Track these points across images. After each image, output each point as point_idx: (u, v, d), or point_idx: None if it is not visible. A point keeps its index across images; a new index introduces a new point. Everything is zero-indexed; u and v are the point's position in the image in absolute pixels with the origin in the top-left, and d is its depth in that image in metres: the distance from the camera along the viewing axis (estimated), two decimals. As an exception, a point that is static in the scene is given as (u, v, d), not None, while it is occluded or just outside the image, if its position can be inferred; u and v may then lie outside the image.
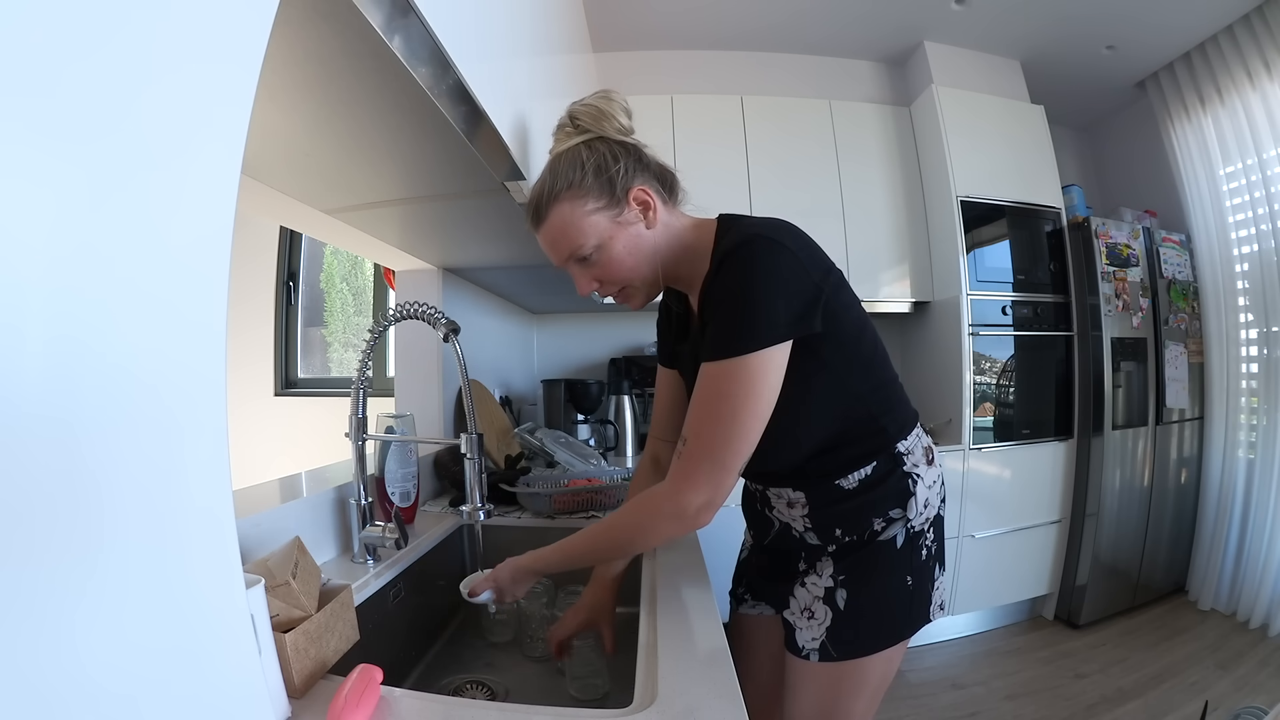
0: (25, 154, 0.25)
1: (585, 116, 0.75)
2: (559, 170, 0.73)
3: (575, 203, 0.72)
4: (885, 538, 0.77)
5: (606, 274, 0.75)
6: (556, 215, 0.73)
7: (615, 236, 0.73)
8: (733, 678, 0.57)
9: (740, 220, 0.77)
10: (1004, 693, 1.91)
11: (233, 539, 0.38)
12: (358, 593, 0.81)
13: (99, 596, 0.29)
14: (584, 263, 0.75)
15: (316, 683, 0.55)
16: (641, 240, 0.75)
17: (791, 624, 0.81)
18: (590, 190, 0.72)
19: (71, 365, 0.27)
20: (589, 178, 0.72)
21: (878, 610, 0.78)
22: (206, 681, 0.36)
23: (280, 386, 2.78)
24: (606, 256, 0.73)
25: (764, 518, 0.88)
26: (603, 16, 2.30)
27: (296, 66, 0.58)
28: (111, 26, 0.28)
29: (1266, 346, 2.34)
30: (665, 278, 0.79)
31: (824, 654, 0.77)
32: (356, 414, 0.93)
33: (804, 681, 0.81)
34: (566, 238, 0.73)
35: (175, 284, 0.33)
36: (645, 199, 0.74)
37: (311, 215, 1.06)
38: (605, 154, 0.73)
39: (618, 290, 0.78)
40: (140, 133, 0.30)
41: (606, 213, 0.72)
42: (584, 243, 0.72)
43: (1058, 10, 2.30)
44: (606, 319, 2.78)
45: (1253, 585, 2.27)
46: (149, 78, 0.30)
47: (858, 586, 0.77)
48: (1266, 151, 2.28)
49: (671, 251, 0.78)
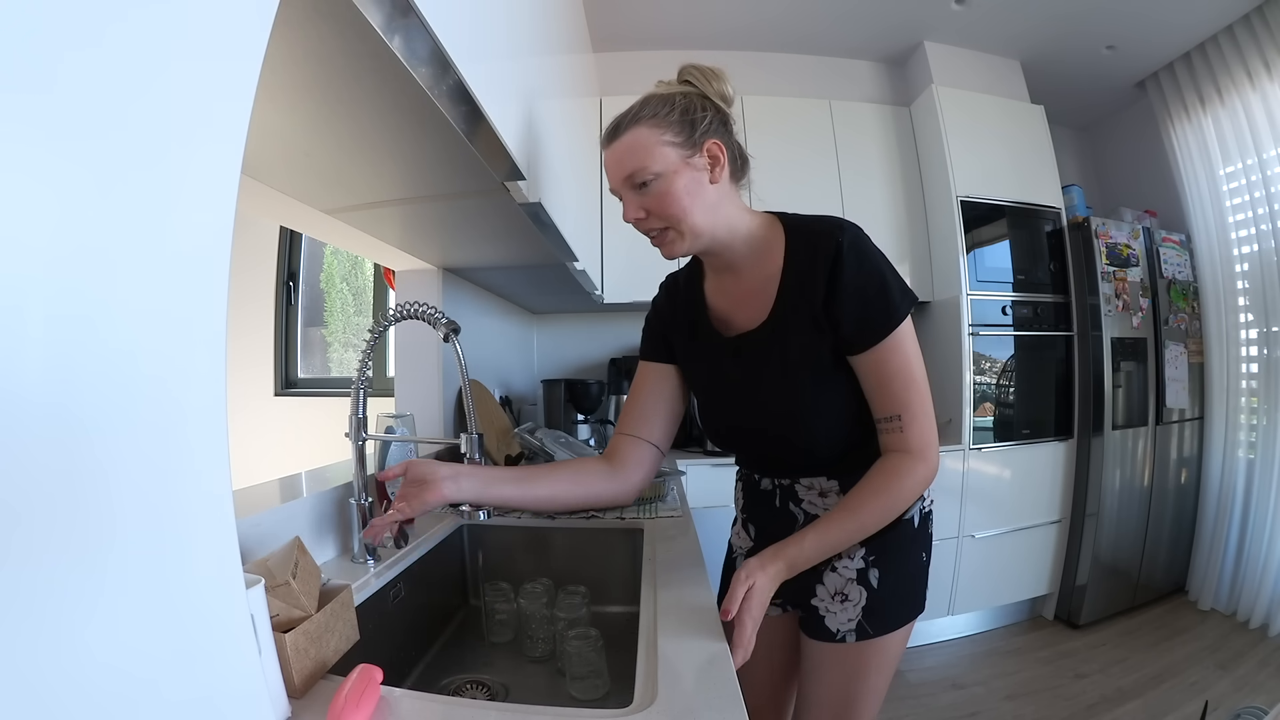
0: (25, 154, 0.25)
1: (694, 73, 0.78)
2: (649, 101, 0.76)
3: (653, 129, 0.74)
4: (907, 517, 0.83)
5: (659, 206, 0.75)
6: (632, 135, 0.74)
7: (680, 172, 0.74)
8: (733, 678, 0.57)
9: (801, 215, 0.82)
10: (1004, 693, 1.91)
11: (233, 539, 0.38)
12: (358, 593, 0.81)
13: (99, 596, 0.29)
14: (640, 189, 0.75)
15: (316, 683, 0.55)
16: (703, 189, 0.76)
17: (819, 611, 0.83)
18: (672, 125, 0.74)
19: (72, 365, 0.27)
20: (674, 114, 0.74)
21: (905, 586, 0.83)
22: (207, 681, 0.36)
23: (280, 386, 2.78)
24: (665, 188, 0.74)
25: (786, 514, 0.88)
26: (603, 16, 2.30)
27: (296, 66, 0.58)
28: (111, 26, 0.28)
29: (1266, 346, 2.34)
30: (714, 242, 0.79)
31: (860, 633, 0.81)
32: (356, 414, 0.93)
33: (831, 664, 0.83)
34: (634, 156, 0.74)
35: (175, 284, 0.33)
36: (717, 154, 0.76)
37: (311, 215, 1.06)
38: (696, 103, 0.76)
39: (661, 229, 0.77)
40: (140, 132, 0.30)
41: (679, 150, 0.74)
42: (648, 165, 0.73)
43: (1058, 10, 2.30)
44: (606, 319, 2.78)
45: (1253, 585, 2.27)
46: (149, 77, 0.30)
47: (887, 565, 0.81)
48: (1266, 151, 2.29)
49: (725, 222, 0.78)
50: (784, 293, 0.78)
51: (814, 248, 0.75)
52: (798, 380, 0.78)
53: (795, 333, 0.77)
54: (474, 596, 1.15)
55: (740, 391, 0.83)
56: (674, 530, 1.10)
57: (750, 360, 0.81)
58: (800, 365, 0.77)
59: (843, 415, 0.78)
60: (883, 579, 0.81)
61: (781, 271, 0.78)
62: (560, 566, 1.13)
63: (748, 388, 0.82)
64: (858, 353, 0.74)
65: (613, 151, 0.77)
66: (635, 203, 0.77)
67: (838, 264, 0.73)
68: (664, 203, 0.75)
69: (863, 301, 0.73)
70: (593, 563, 1.13)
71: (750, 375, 0.81)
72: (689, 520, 1.18)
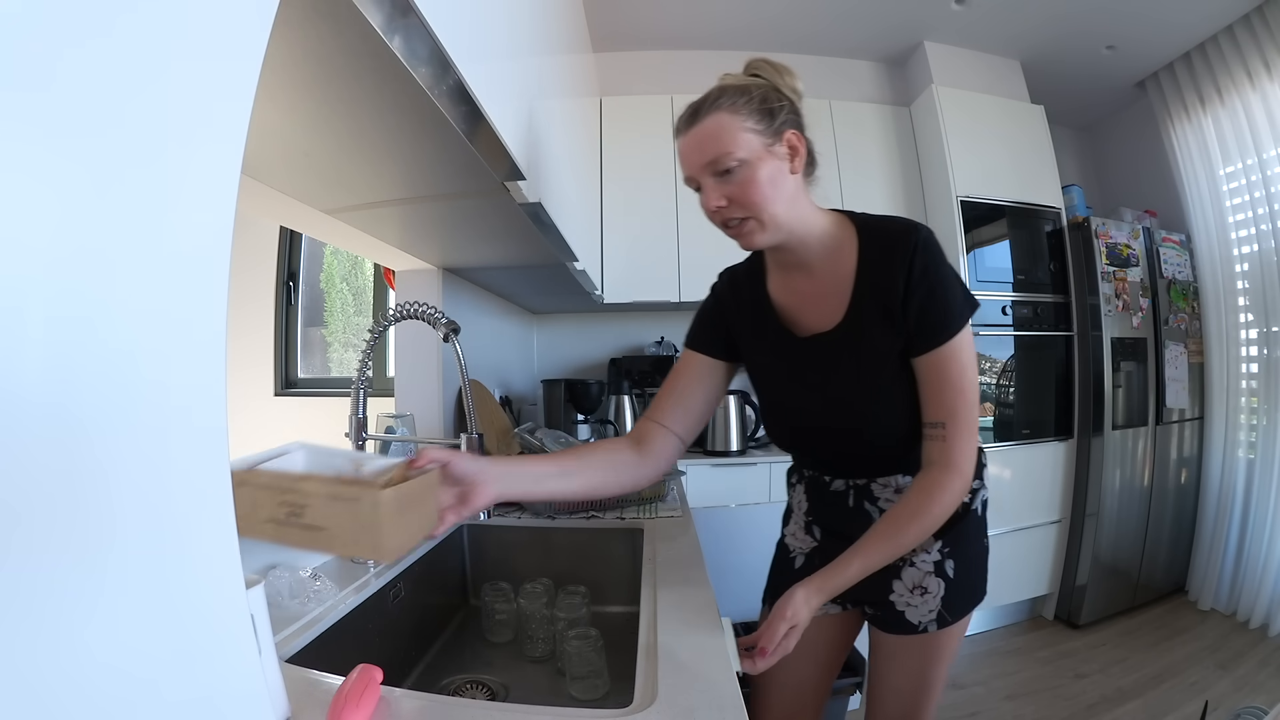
0: (25, 154, 0.25)
1: (764, 67, 0.77)
2: (725, 90, 0.74)
3: (734, 116, 0.72)
4: (972, 508, 0.87)
5: (742, 194, 0.73)
6: (713, 120, 0.72)
7: (763, 160, 0.72)
8: (733, 678, 0.57)
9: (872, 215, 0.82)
10: (1004, 693, 1.91)
11: (233, 539, 0.38)
12: (358, 593, 0.81)
13: (98, 597, 0.29)
14: (723, 176, 0.73)
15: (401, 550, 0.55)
16: (784, 178, 0.74)
17: (897, 607, 0.84)
18: (752, 112, 0.72)
19: (72, 365, 0.27)
20: (754, 102, 0.73)
21: (975, 573, 0.86)
22: (206, 681, 0.36)
23: (280, 386, 2.77)
24: (749, 175, 0.72)
25: (861, 514, 0.86)
26: (603, 16, 2.29)
27: (296, 66, 0.58)
28: (111, 26, 0.28)
29: (1266, 346, 2.34)
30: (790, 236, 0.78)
31: (940, 621, 0.83)
32: (356, 414, 0.93)
33: (909, 654, 0.86)
34: (717, 142, 0.72)
35: (175, 284, 0.33)
36: (797, 144, 0.75)
37: (311, 215, 1.06)
38: (771, 94, 0.74)
39: (741, 219, 0.75)
40: (140, 132, 0.30)
41: (761, 138, 0.72)
42: (732, 151, 0.71)
43: (1058, 10, 2.30)
44: (606, 319, 2.78)
45: (1253, 585, 2.26)
46: (149, 77, 0.30)
47: (960, 554, 0.84)
48: (1266, 151, 2.28)
49: (800, 216, 0.77)
50: (859, 294, 0.78)
51: (889, 248, 0.75)
52: (875, 381, 0.78)
53: (871, 333, 0.77)
54: (474, 596, 1.15)
55: (816, 393, 0.82)
56: (674, 530, 1.11)
57: (827, 362, 0.81)
58: (877, 366, 0.78)
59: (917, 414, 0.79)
60: (957, 568, 0.84)
61: (855, 272, 0.78)
62: (560, 566, 1.13)
63: (824, 389, 0.81)
64: (917, 354, 0.75)
65: (691, 137, 0.74)
66: (717, 190, 0.74)
67: (912, 263, 0.73)
68: (747, 190, 0.72)
69: (929, 303, 0.73)
70: (593, 563, 1.13)
71: (827, 377, 0.81)
72: (689, 520, 1.18)
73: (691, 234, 2.34)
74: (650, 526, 1.12)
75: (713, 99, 0.73)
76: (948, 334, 0.74)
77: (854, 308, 0.78)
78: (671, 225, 2.36)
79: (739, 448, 2.26)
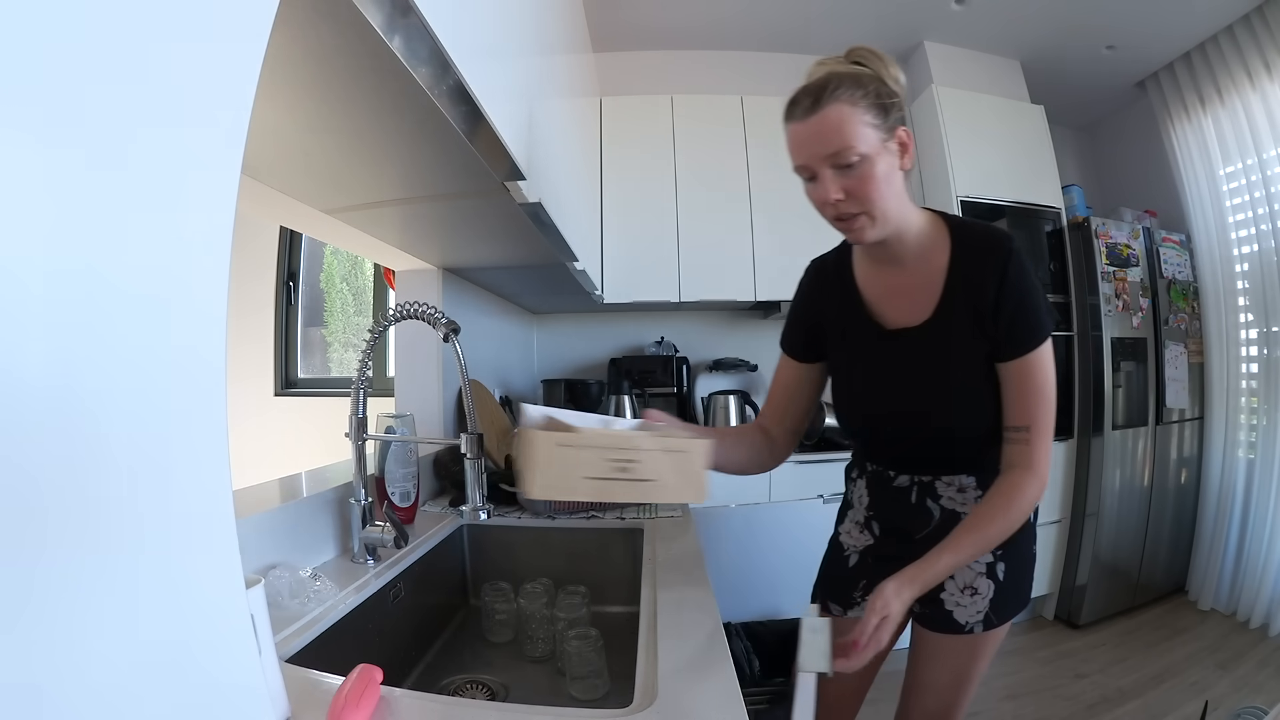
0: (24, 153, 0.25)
1: (868, 55, 0.76)
2: (841, 79, 0.71)
3: (854, 108, 0.71)
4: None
5: (860, 189, 0.73)
6: (835, 110, 0.71)
7: (880, 156, 0.72)
8: (733, 678, 0.57)
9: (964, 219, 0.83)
10: (1004, 693, 1.91)
11: (233, 539, 0.38)
12: (358, 593, 0.81)
13: (98, 596, 0.29)
14: (843, 170, 0.72)
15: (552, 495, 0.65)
16: (896, 175, 0.75)
17: (946, 605, 0.86)
18: (870, 106, 0.71)
19: (71, 365, 0.27)
20: (869, 96, 0.72)
21: (1024, 579, 0.87)
22: (206, 682, 0.36)
23: (280, 386, 2.78)
24: (868, 171, 0.72)
25: (923, 511, 0.88)
26: (603, 16, 2.29)
27: (296, 66, 0.58)
28: (110, 25, 0.28)
29: (1266, 346, 2.34)
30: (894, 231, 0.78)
31: (986, 623, 0.84)
32: (356, 414, 0.93)
33: (952, 653, 0.87)
34: (840, 134, 0.70)
35: (175, 284, 0.33)
36: (906, 140, 0.75)
37: (311, 215, 1.06)
38: (881, 88, 0.73)
39: (857, 213, 0.74)
40: (140, 132, 0.30)
41: (878, 132, 0.72)
42: (855, 145, 0.70)
43: (1058, 10, 2.30)
44: (606, 319, 2.78)
45: (1253, 585, 2.26)
46: (148, 77, 0.30)
47: (1012, 558, 0.85)
48: (1266, 151, 2.28)
49: (903, 212, 0.78)
50: (950, 293, 0.79)
51: (984, 253, 0.77)
52: (959, 380, 0.80)
53: (960, 333, 0.79)
54: (474, 596, 1.15)
55: (896, 385, 0.84)
56: (674, 530, 1.11)
57: (912, 356, 0.82)
58: (962, 365, 0.80)
59: (993, 416, 0.81)
60: (1008, 571, 0.85)
61: (947, 271, 0.79)
62: (560, 566, 1.13)
63: (905, 382, 0.83)
64: (1004, 360, 0.78)
65: (810, 126, 0.72)
66: (836, 183, 0.73)
67: (1006, 271, 0.76)
68: (865, 186, 0.72)
69: (1020, 312, 0.76)
70: (593, 563, 1.13)
71: (910, 371, 0.82)
72: (689, 520, 1.18)
73: (691, 234, 2.34)
74: (650, 526, 1.12)
75: (831, 87, 0.71)
76: (1035, 343, 0.76)
77: (943, 306, 0.80)
78: (671, 225, 2.36)
79: (739, 448, 2.25)
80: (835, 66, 0.75)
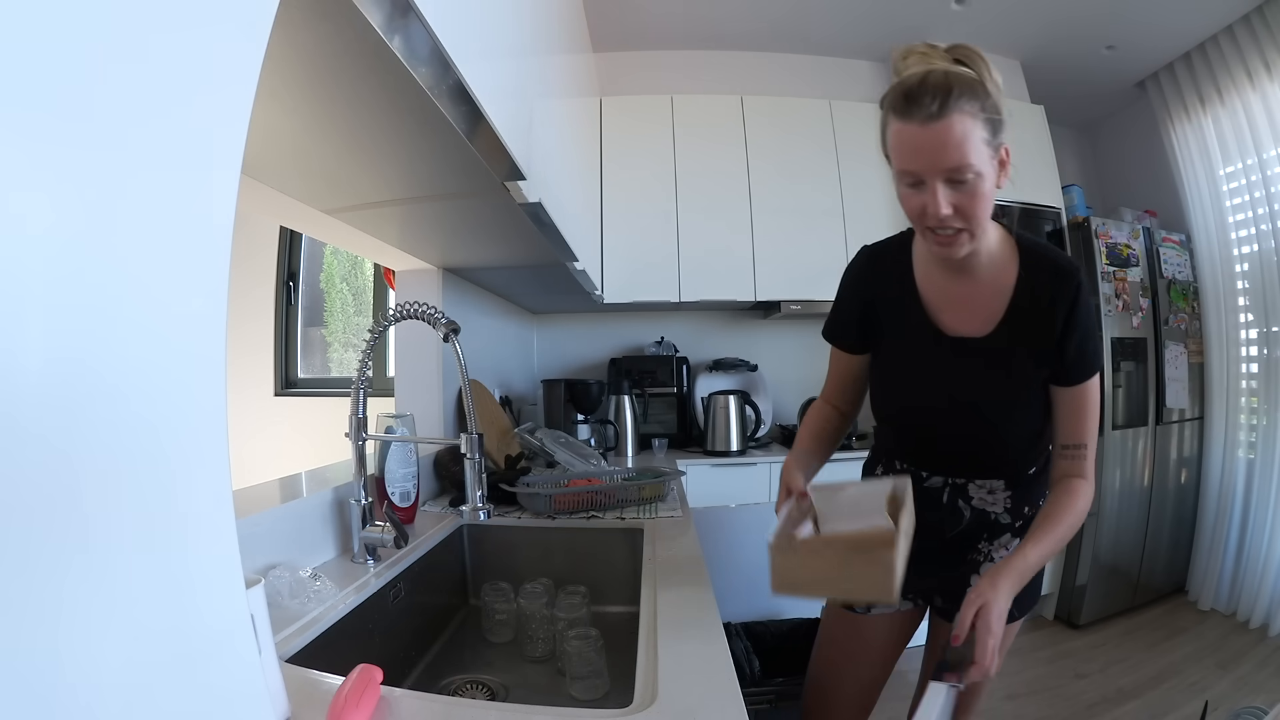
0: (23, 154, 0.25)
1: (972, 55, 0.73)
2: (963, 86, 0.68)
3: (974, 121, 0.69)
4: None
5: (969, 205, 0.71)
6: (960, 123, 0.68)
7: (989, 174, 0.71)
8: (733, 678, 0.57)
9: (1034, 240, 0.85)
10: (1004, 693, 1.91)
11: (233, 539, 0.38)
12: (358, 593, 0.81)
13: (98, 597, 0.29)
14: (958, 184, 0.70)
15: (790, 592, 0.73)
16: (994, 191, 0.73)
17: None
18: (985, 121, 0.70)
19: (71, 365, 0.27)
20: (985, 111, 0.70)
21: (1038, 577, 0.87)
22: (206, 682, 0.36)
23: (280, 386, 2.78)
24: (980, 188, 0.70)
25: (954, 510, 0.91)
26: (603, 16, 2.29)
27: (296, 66, 0.58)
28: (110, 25, 0.28)
29: (1266, 346, 2.34)
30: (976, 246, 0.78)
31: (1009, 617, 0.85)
32: (356, 414, 0.93)
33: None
34: (961, 149, 0.68)
35: (175, 284, 0.33)
36: (1006, 160, 0.74)
37: (311, 215, 1.06)
38: (992, 102, 0.71)
39: (960, 229, 0.73)
40: (139, 132, 0.30)
41: (989, 149, 0.71)
42: (974, 162, 0.68)
43: (1058, 10, 2.30)
44: (606, 319, 2.78)
45: (1253, 585, 2.26)
46: (148, 77, 0.30)
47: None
48: (1266, 151, 2.28)
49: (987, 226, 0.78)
50: (1015, 311, 0.81)
51: (1055, 282, 0.79)
52: (1016, 395, 0.83)
53: (1022, 351, 0.81)
54: (474, 596, 1.15)
55: (952, 391, 0.85)
56: (674, 530, 1.11)
57: (972, 366, 0.84)
58: (1021, 382, 0.82)
59: (1041, 432, 0.86)
60: None
61: (1014, 289, 0.81)
62: (560, 566, 1.13)
63: (964, 390, 0.85)
64: (1064, 385, 0.81)
65: (933, 134, 0.68)
66: (948, 198, 0.71)
67: (1075, 302, 0.78)
68: (974, 203, 0.71)
69: (1085, 344, 0.79)
70: (593, 563, 1.13)
71: (970, 380, 0.84)
72: (689, 520, 1.18)
73: (691, 234, 2.34)
74: (650, 526, 1.12)
75: (955, 94, 0.68)
76: (1093, 371, 0.80)
77: (1008, 323, 0.81)
78: (671, 225, 2.36)
79: (739, 448, 2.26)
80: (946, 65, 0.72)
